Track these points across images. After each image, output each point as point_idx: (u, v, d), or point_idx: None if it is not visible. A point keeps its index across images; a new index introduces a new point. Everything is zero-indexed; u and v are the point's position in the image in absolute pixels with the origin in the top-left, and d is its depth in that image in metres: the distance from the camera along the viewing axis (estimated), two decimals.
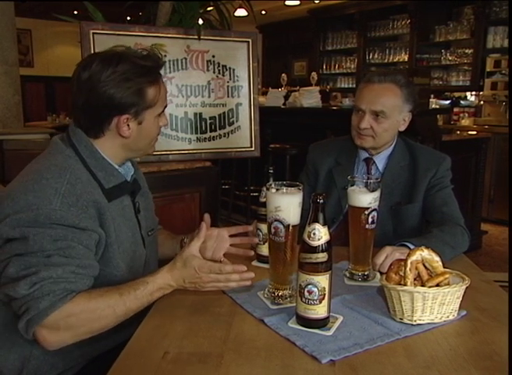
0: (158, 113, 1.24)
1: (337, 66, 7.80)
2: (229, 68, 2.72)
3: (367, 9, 6.88)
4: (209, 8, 2.91)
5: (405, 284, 1.08)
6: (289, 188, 1.17)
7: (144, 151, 1.30)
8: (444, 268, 1.13)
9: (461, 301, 1.11)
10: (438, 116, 4.57)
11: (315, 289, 1.02)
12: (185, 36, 2.61)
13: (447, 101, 5.90)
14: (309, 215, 1.03)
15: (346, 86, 7.64)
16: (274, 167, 1.43)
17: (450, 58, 6.13)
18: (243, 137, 2.78)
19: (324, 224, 1.02)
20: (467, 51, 5.89)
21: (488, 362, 0.94)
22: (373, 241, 1.35)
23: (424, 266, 1.11)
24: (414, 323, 1.07)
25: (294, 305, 1.08)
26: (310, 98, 4.38)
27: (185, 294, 1.18)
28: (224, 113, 2.73)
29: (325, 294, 1.02)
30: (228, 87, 2.72)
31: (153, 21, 2.75)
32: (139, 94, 1.17)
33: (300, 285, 1.04)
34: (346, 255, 1.40)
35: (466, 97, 6.05)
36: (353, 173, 1.75)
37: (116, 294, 1.06)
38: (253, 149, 2.80)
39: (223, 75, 2.71)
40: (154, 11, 2.73)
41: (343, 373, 0.89)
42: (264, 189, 1.26)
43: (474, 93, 5.96)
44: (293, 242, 1.17)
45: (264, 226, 1.35)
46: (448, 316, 1.09)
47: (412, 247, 1.31)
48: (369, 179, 1.35)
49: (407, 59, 6.58)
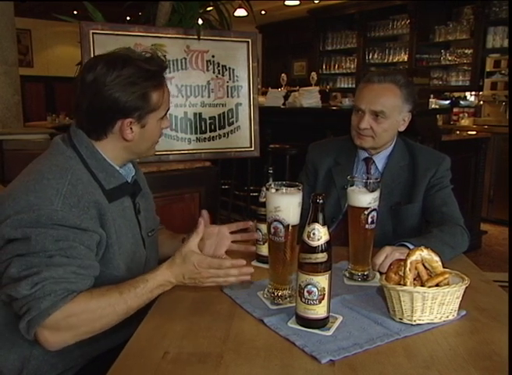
0: (161, 116, 1.25)
1: (337, 66, 7.80)
2: (229, 68, 2.72)
3: (366, 9, 6.88)
4: (209, 9, 2.91)
5: (405, 284, 1.08)
6: (288, 188, 1.17)
7: (146, 153, 1.30)
8: (444, 268, 1.13)
9: (461, 301, 1.11)
10: (437, 116, 4.57)
11: (315, 289, 1.02)
12: (185, 36, 2.61)
13: (447, 102, 5.90)
14: (309, 215, 1.03)
15: (346, 86, 7.64)
16: (273, 167, 1.43)
17: (450, 59, 6.13)
18: (243, 137, 2.78)
19: (323, 224, 1.03)
20: (466, 51, 5.89)
21: (488, 362, 0.94)
22: (373, 241, 1.35)
23: (423, 265, 1.11)
24: (414, 323, 1.07)
25: (294, 305, 1.08)
26: (309, 98, 4.38)
27: (185, 294, 1.19)
28: (224, 113, 2.73)
29: (324, 294, 1.02)
30: (227, 87, 2.72)
31: (153, 21, 2.75)
32: (143, 98, 1.17)
33: (299, 285, 1.04)
34: (346, 255, 1.40)
35: (466, 97, 6.05)
36: (352, 173, 1.76)
37: (116, 293, 1.06)
38: (252, 149, 2.80)
39: (223, 75, 2.71)
40: (154, 11, 2.73)
41: (343, 373, 0.89)
42: (264, 189, 1.26)
43: (473, 93, 5.96)
44: (293, 242, 1.17)
45: (263, 227, 1.35)
46: (447, 316, 1.09)
47: (412, 247, 1.31)
48: (369, 179, 1.35)
49: (406, 59, 6.58)
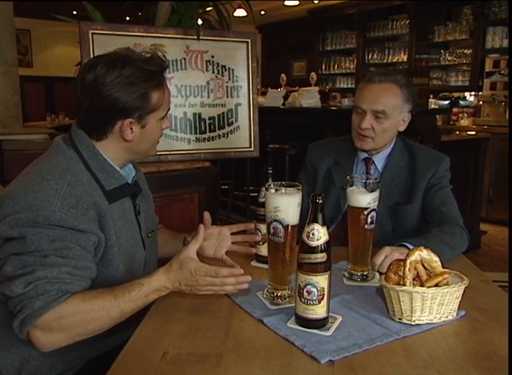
0: (162, 117, 1.24)
1: (336, 66, 7.80)
2: (229, 68, 2.72)
3: (366, 9, 6.88)
4: (208, 9, 2.91)
5: (404, 284, 1.08)
6: (288, 189, 1.17)
7: (146, 153, 1.30)
8: (443, 268, 1.13)
9: (460, 302, 1.11)
10: (437, 116, 4.57)
11: (314, 289, 1.02)
12: (184, 36, 2.61)
13: (446, 102, 5.90)
14: (308, 215, 1.03)
15: (346, 86, 7.64)
16: (273, 167, 1.43)
17: (449, 59, 6.13)
18: (243, 137, 2.78)
19: (323, 224, 1.03)
20: (466, 51, 5.89)
21: (487, 362, 0.94)
22: (372, 241, 1.35)
23: (423, 266, 1.11)
24: (413, 323, 1.07)
25: (293, 305, 1.08)
26: (309, 98, 4.38)
27: (184, 295, 1.18)
28: (223, 113, 2.73)
29: (324, 294, 1.02)
30: (227, 87, 2.72)
31: (152, 21, 2.75)
32: (143, 98, 1.17)
33: (299, 285, 1.04)
34: (346, 255, 1.40)
35: (465, 97, 6.06)
36: (352, 173, 1.75)
37: (111, 296, 1.05)
38: (252, 149, 2.80)
39: (222, 75, 2.71)
40: (154, 11, 2.73)
41: (342, 373, 0.89)
42: (264, 189, 1.26)
43: (473, 93, 5.96)
44: (292, 242, 1.17)
45: (263, 227, 1.35)
46: (447, 316, 1.09)
47: (411, 247, 1.31)
48: (368, 179, 1.35)
49: (406, 59, 6.58)
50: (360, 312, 1.13)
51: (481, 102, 5.61)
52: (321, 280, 1.02)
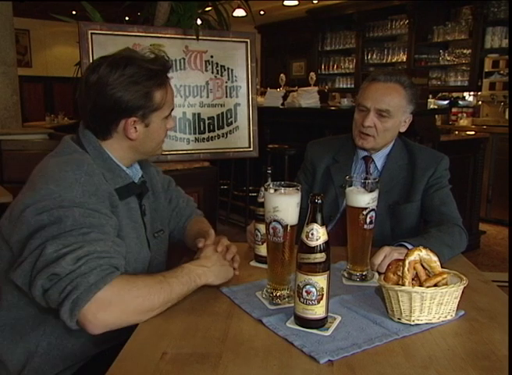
0: (165, 116, 1.26)
1: (335, 66, 7.81)
2: (228, 68, 2.73)
3: (365, 9, 6.89)
4: (207, 9, 2.92)
5: (403, 284, 1.08)
6: (287, 189, 1.17)
7: (152, 152, 1.31)
8: (442, 268, 1.13)
9: (459, 302, 1.11)
10: (436, 116, 4.58)
11: (313, 289, 1.02)
12: (183, 36, 2.62)
13: (445, 102, 5.91)
14: (307, 215, 1.03)
15: (345, 86, 7.65)
16: (272, 167, 1.43)
17: (448, 59, 6.14)
18: (242, 137, 2.78)
19: (322, 224, 1.02)
20: (465, 51, 5.90)
21: (486, 361, 0.94)
22: (371, 241, 1.35)
23: (422, 266, 1.11)
24: (412, 323, 1.07)
25: (292, 305, 1.08)
26: (308, 98, 4.39)
27: None
28: (222, 113, 2.73)
29: (323, 294, 1.02)
30: (226, 87, 2.73)
31: (151, 21, 2.75)
32: (146, 97, 1.18)
33: (298, 285, 1.04)
34: (345, 255, 1.40)
35: (464, 97, 6.06)
36: (351, 171, 1.76)
37: (159, 275, 1.09)
38: (251, 149, 2.81)
39: (221, 75, 2.71)
40: (153, 11, 2.74)
41: (341, 373, 0.89)
42: (263, 189, 1.26)
43: (472, 93, 5.97)
44: (292, 242, 1.17)
45: (262, 227, 1.34)
46: (446, 316, 1.09)
47: (410, 247, 1.31)
48: (367, 179, 1.35)
49: (405, 59, 6.59)
50: (359, 312, 1.13)
51: (480, 102, 5.61)
52: (321, 280, 1.02)
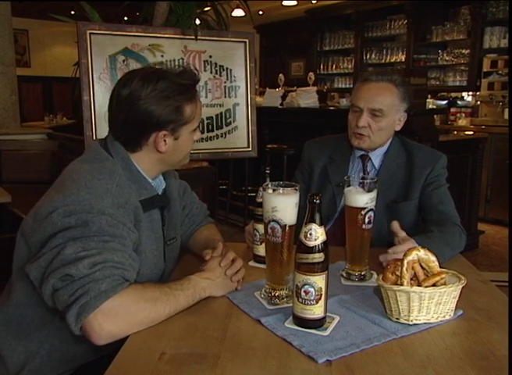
0: (194, 128, 1.27)
1: (334, 66, 7.80)
2: (226, 68, 2.73)
3: (364, 9, 6.88)
4: (206, 9, 2.92)
5: (401, 284, 1.08)
6: (285, 189, 1.17)
7: (178, 164, 1.33)
8: (440, 268, 1.13)
9: (457, 301, 1.11)
10: (435, 116, 4.57)
11: (312, 289, 1.02)
12: (182, 36, 2.61)
13: (444, 102, 5.91)
14: (305, 215, 1.03)
15: (344, 86, 7.65)
16: (271, 167, 1.43)
17: (447, 59, 6.14)
18: (241, 137, 2.78)
19: (320, 224, 1.03)
20: (463, 51, 5.90)
21: (484, 361, 0.94)
22: (370, 241, 1.35)
23: (420, 265, 1.11)
24: (411, 322, 1.07)
25: (291, 305, 1.08)
26: (307, 98, 4.39)
27: None
28: (221, 113, 2.73)
29: (321, 294, 1.02)
30: (225, 87, 2.73)
31: (150, 21, 2.75)
32: (177, 111, 1.20)
33: (296, 285, 1.04)
34: (343, 255, 1.40)
35: (463, 97, 6.07)
36: (348, 171, 1.76)
37: (165, 287, 1.09)
38: (250, 149, 2.81)
39: (220, 75, 2.71)
40: (151, 11, 2.74)
41: (340, 373, 0.89)
42: (261, 189, 1.26)
43: (470, 93, 5.97)
44: (290, 242, 1.17)
45: (261, 227, 1.35)
46: (444, 316, 1.09)
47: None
48: (365, 179, 1.35)
49: (404, 59, 6.59)
50: (357, 311, 1.13)
51: (478, 102, 5.62)
52: (319, 280, 1.02)
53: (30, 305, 1.17)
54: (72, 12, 6.76)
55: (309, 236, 1.02)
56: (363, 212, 1.30)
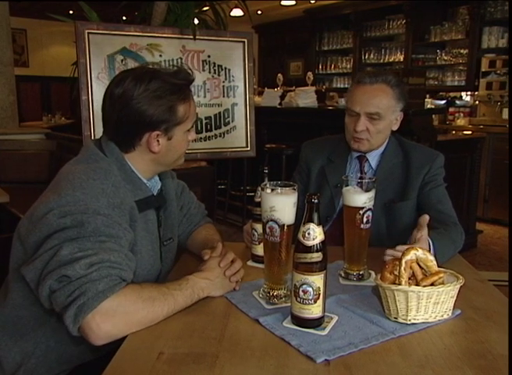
0: (188, 128, 1.26)
1: (333, 66, 7.81)
2: (225, 68, 2.73)
3: (362, 9, 6.89)
4: (205, 8, 2.91)
5: (400, 284, 1.08)
6: (284, 188, 1.17)
7: (173, 164, 1.32)
8: (438, 267, 1.13)
9: (455, 301, 1.11)
10: (433, 116, 4.58)
11: (310, 289, 1.02)
12: (180, 36, 2.61)
13: (442, 101, 5.92)
14: (303, 215, 1.03)
15: (342, 86, 7.65)
16: (269, 167, 1.43)
17: (446, 59, 6.15)
18: (239, 137, 2.78)
19: (318, 224, 1.03)
20: (462, 51, 5.91)
21: (482, 360, 0.94)
22: (368, 241, 1.36)
23: (418, 265, 1.12)
24: (409, 322, 1.07)
25: (289, 304, 1.08)
26: (306, 98, 4.39)
27: None
28: (219, 113, 2.73)
29: (319, 293, 1.03)
30: (223, 87, 2.73)
31: (148, 21, 2.75)
32: (170, 111, 1.19)
33: (294, 285, 1.04)
34: (341, 254, 1.40)
35: (461, 97, 6.07)
36: (345, 171, 1.76)
37: (163, 287, 1.09)
38: (248, 149, 2.81)
39: (219, 75, 2.71)
40: (150, 11, 2.74)
41: (338, 373, 0.89)
42: (259, 189, 1.26)
43: (469, 93, 5.98)
44: (288, 242, 1.17)
45: (259, 226, 1.35)
46: (442, 315, 1.09)
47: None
48: (363, 179, 1.35)
49: (402, 59, 6.59)
50: (355, 311, 1.13)
51: (477, 102, 5.63)
52: (317, 280, 1.02)
53: (25, 306, 1.16)
54: (71, 11, 6.76)
55: (307, 235, 1.02)
56: (361, 212, 1.30)
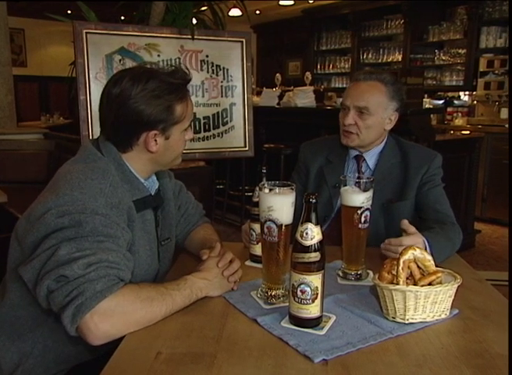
0: (185, 128, 1.26)
1: (331, 66, 7.82)
2: (223, 68, 2.73)
3: (360, 9, 6.90)
4: (203, 8, 2.91)
5: (397, 283, 1.08)
6: (282, 188, 1.17)
7: (171, 164, 1.32)
8: (436, 267, 1.13)
9: (453, 300, 1.11)
10: (431, 116, 4.59)
11: (308, 288, 1.02)
12: (178, 36, 2.61)
13: (441, 101, 5.93)
14: (301, 214, 1.04)
15: (341, 86, 7.65)
16: (268, 167, 1.43)
17: (444, 58, 6.15)
18: (237, 136, 2.78)
19: (316, 224, 1.03)
20: (460, 51, 5.92)
21: (480, 360, 0.94)
22: (366, 241, 1.36)
23: (416, 264, 1.12)
24: (407, 321, 1.07)
25: (287, 304, 1.08)
26: (304, 97, 4.39)
27: None
28: (218, 113, 2.73)
29: (317, 293, 1.03)
30: (222, 86, 2.73)
31: (146, 21, 2.75)
32: (167, 110, 1.19)
33: (292, 285, 1.04)
34: (339, 254, 1.41)
35: (459, 97, 6.08)
36: (343, 171, 1.76)
37: (161, 287, 1.09)
38: (247, 149, 2.81)
39: (217, 75, 2.71)
40: (148, 11, 2.74)
41: (336, 373, 0.89)
42: (257, 189, 1.26)
43: (467, 93, 5.99)
44: (286, 242, 1.17)
45: (257, 226, 1.35)
46: (440, 315, 1.10)
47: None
48: (361, 178, 1.35)
49: (400, 59, 6.60)
50: (353, 311, 1.13)
51: (475, 102, 5.64)
52: (315, 280, 1.02)
53: (23, 306, 1.16)
54: (69, 11, 6.75)
55: (305, 235, 1.02)
56: (359, 212, 1.31)
